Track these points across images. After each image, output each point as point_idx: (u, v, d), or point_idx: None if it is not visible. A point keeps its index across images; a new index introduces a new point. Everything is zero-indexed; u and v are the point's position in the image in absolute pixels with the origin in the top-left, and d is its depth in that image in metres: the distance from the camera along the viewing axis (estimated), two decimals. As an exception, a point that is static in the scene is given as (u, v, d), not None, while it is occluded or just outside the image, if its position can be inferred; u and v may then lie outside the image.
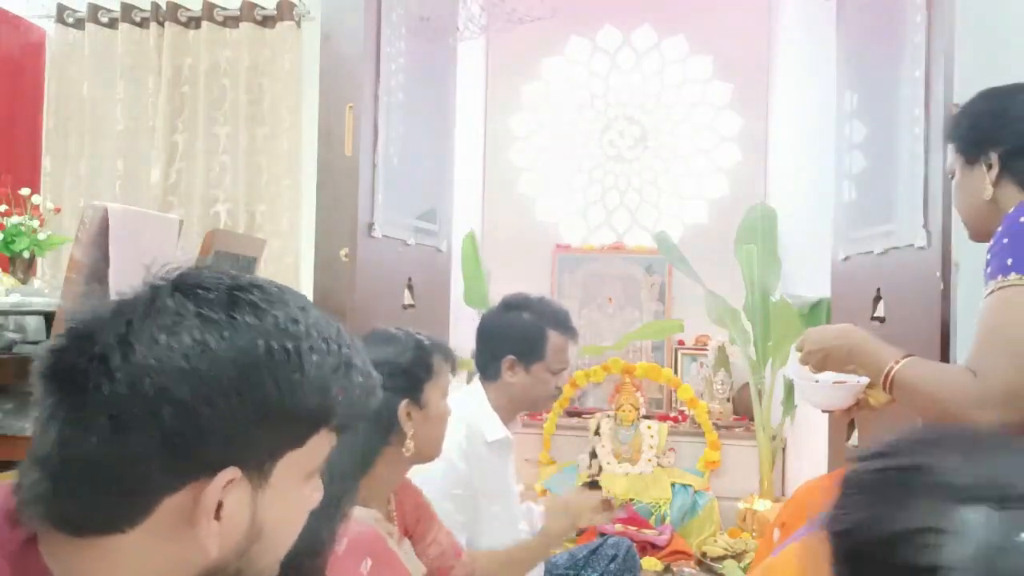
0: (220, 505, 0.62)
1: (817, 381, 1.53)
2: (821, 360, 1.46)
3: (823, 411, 1.70)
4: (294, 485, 0.67)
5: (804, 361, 1.48)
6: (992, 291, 1.22)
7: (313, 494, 0.71)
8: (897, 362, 1.32)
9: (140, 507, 0.61)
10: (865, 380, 1.48)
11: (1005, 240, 1.23)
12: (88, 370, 0.60)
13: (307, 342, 0.65)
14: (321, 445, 0.68)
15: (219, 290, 0.64)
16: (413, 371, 1.34)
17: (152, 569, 0.63)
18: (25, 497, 0.62)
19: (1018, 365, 1.15)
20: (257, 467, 0.64)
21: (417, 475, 1.77)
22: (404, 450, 1.33)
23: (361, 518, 1.21)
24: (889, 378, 1.32)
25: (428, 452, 1.43)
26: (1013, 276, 1.18)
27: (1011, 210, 1.28)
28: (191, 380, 0.60)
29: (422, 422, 1.37)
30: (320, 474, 0.71)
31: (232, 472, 0.62)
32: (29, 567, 0.62)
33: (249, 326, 0.62)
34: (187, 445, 0.60)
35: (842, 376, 1.50)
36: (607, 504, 2.14)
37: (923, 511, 0.56)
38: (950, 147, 1.46)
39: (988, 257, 1.26)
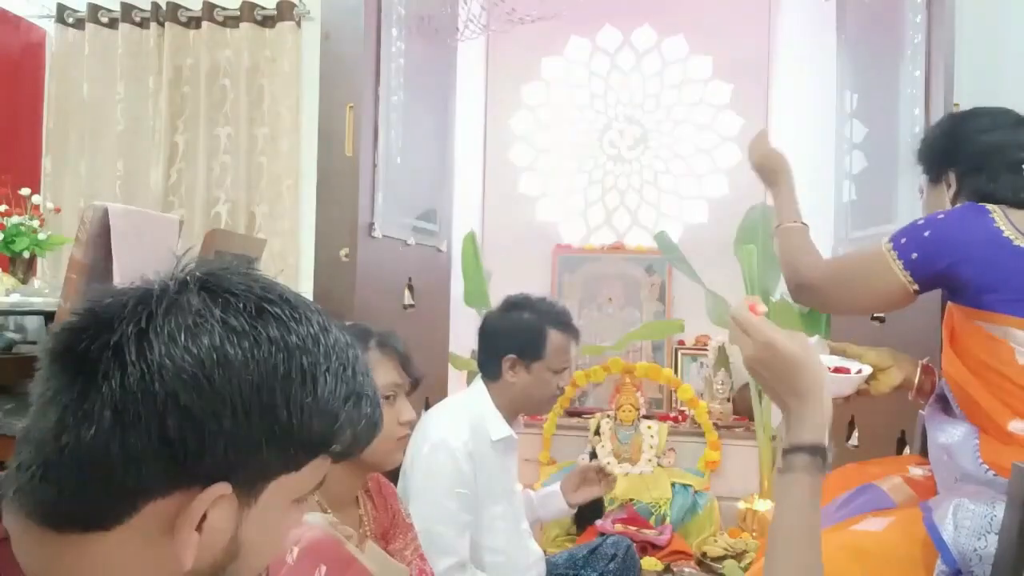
0: (204, 517, 0.60)
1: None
2: (758, 169, 1.77)
3: None
4: (280, 507, 0.65)
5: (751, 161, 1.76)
6: (882, 244, 1.47)
7: (297, 517, 0.68)
8: (785, 224, 1.66)
9: (126, 506, 0.59)
10: (867, 371, 1.51)
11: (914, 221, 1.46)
12: (100, 359, 0.58)
13: (324, 365, 0.63)
14: (316, 471, 0.66)
15: (247, 298, 0.62)
16: None
17: (127, 572, 0.61)
18: (10, 485, 0.60)
19: (832, 276, 1.54)
20: (248, 485, 0.62)
21: (422, 474, 1.77)
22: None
23: (313, 523, 1.17)
24: (777, 230, 1.67)
25: (378, 461, 1.36)
26: (885, 240, 1.46)
27: None
28: (202, 388, 0.58)
29: None
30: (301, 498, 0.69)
31: (223, 487, 0.60)
32: (2, 566, 0.60)
33: (271, 341, 0.60)
34: (185, 453, 0.58)
35: (844, 363, 1.52)
36: (604, 474, 2.13)
37: None
38: (919, 168, 1.63)
39: None
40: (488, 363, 1.96)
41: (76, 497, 0.58)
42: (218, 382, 0.58)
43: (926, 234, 1.40)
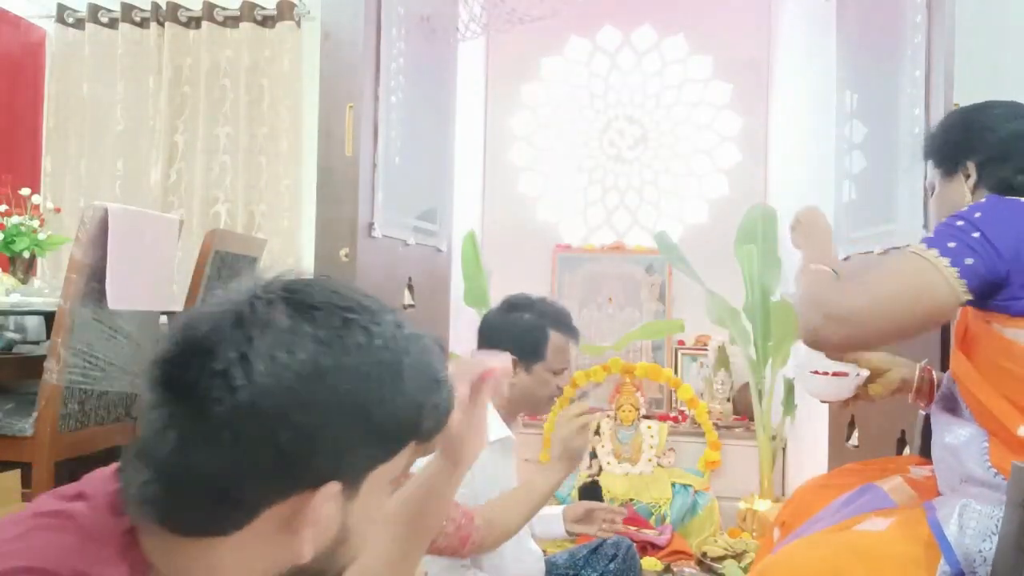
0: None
1: (817, 372, 1.55)
2: (796, 235, 1.56)
3: (822, 401, 1.71)
4: (376, 492, 0.71)
5: (792, 229, 1.57)
6: (911, 249, 1.30)
7: (388, 496, 0.75)
8: (819, 265, 1.42)
9: (245, 515, 0.64)
10: (865, 373, 1.51)
11: (945, 220, 1.32)
12: (212, 386, 0.62)
13: (405, 360, 0.68)
14: (406, 456, 0.72)
15: (330, 309, 0.66)
16: None
17: (247, 568, 0.67)
18: (133, 495, 0.65)
19: (872, 299, 1.27)
20: (352, 480, 0.68)
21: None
22: None
23: None
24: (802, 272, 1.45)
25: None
26: (921, 246, 1.28)
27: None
28: (306, 401, 0.63)
29: None
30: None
31: (334, 487, 0.65)
32: (133, 556, 0.65)
33: (359, 348, 0.66)
34: (298, 462, 0.63)
35: (842, 367, 1.52)
36: (611, 521, 2.11)
37: None
38: (929, 163, 1.54)
39: None
40: None
41: (198, 510, 0.64)
42: (318, 393, 0.63)
43: (975, 235, 1.25)
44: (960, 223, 1.27)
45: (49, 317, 2.30)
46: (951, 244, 1.24)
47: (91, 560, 0.63)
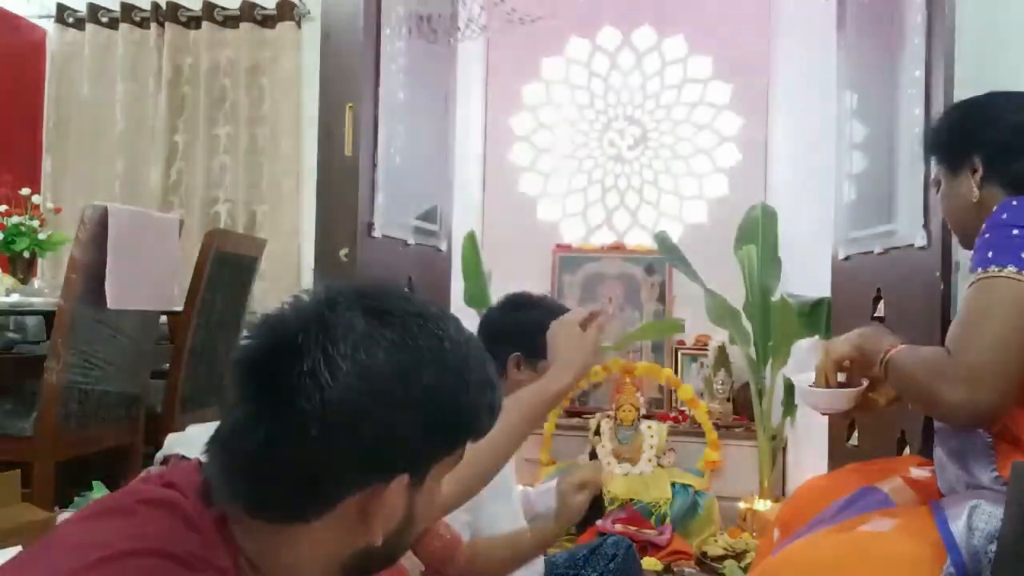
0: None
1: (814, 385, 1.53)
2: (846, 359, 1.45)
3: (822, 413, 1.70)
4: (436, 483, 0.78)
5: (824, 367, 1.46)
6: (973, 282, 1.24)
7: (442, 487, 0.81)
8: (894, 347, 1.34)
9: (326, 503, 0.70)
10: (864, 383, 1.48)
11: (987, 235, 1.26)
12: (300, 385, 0.67)
13: (469, 363, 0.75)
14: (462, 452, 0.79)
15: (403, 314, 0.73)
16: None
17: (327, 551, 0.73)
18: (222, 485, 0.71)
19: (989, 347, 1.17)
20: (421, 472, 0.74)
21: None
22: None
23: None
24: (884, 363, 1.34)
25: None
26: (993, 268, 1.21)
27: (995, 209, 1.30)
28: (386, 399, 0.69)
29: None
30: None
31: (405, 478, 0.72)
32: (228, 542, 0.71)
33: (430, 350, 0.72)
34: (377, 455, 0.70)
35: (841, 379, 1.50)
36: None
37: None
38: (933, 159, 1.50)
39: (972, 253, 1.29)
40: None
41: (283, 499, 0.70)
42: (397, 391, 0.70)
43: None
44: (1016, 231, 1.22)
45: (49, 317, 2.30)
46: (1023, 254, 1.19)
47: (200, 544, 0.68)
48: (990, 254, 1.22)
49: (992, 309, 1.19)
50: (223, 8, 3.03)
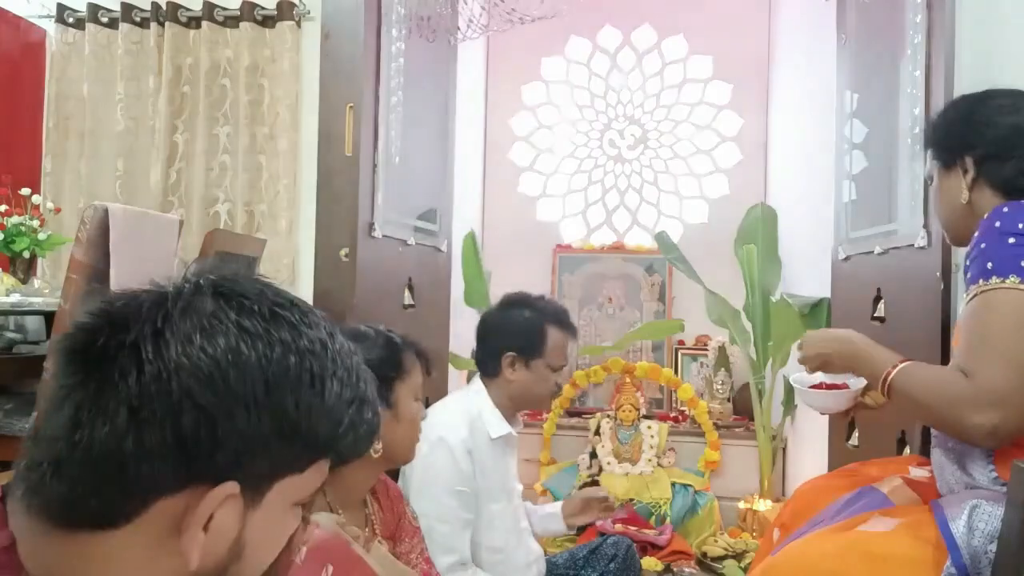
0: (211, 517, 0.61)
1: (816, 385, 1.54)
2: (820, 365, 1.48)
3: (822, 413, 1.70)
4: (281, 509, 0.66)
5: (802, 362, 1.49)
6: (974, 295, 1.23)
7: (294, 521, 0.69)
8: (895, 367, 1.32)
9: (136, 503, 0.60)
10: (862, 384, 1.49)
11: (983, 245, 1.25)
12: (117, 357, 0.59)
13: (332, 369, 0.65)
14: (317, 474, 0.68)
15: (260, 302, 0.64)
16: (381, 368, 1.28)
17: (135, 569, 0.61)
18: (19, 484, 0.61)
19: (1007, 366, 1.16)
20: (256, 485, 0.63)
21: (421, 473, 1.77)
22: (372, 451, 1.29)
23: (322, 524, 1.19)
24: (887, 384, 1.32)
25: (398, 455, 1.40)
26: (994, 280, 1.20)
27: (986, 214, 1.29)
28: (217, 386, 0.59)
29: (391, 422, 1.34)
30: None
31: (232, 487, 0.61)
32: (11, 569, 0.61)
33: (283, 343, 0.62)
34: (199, 450, 0.59)
35: (839, 378, 1.51)
36: (607, 504, 2.14)
37: None
38: (928, 153, 1.50)
39: (967, 263, 1.28)
40: (487, 361, 1.96)
41: (88, 494, 0.59)
42: (233, 381, 0.60)
43: None
44: (1012, 240, 1.21)
45: (49, 317, 2.30)
46: None
47: None
48: (989, 265, 1.22)
49: (1002, 324, 1.18)
50: (223, 8, 3.03)
